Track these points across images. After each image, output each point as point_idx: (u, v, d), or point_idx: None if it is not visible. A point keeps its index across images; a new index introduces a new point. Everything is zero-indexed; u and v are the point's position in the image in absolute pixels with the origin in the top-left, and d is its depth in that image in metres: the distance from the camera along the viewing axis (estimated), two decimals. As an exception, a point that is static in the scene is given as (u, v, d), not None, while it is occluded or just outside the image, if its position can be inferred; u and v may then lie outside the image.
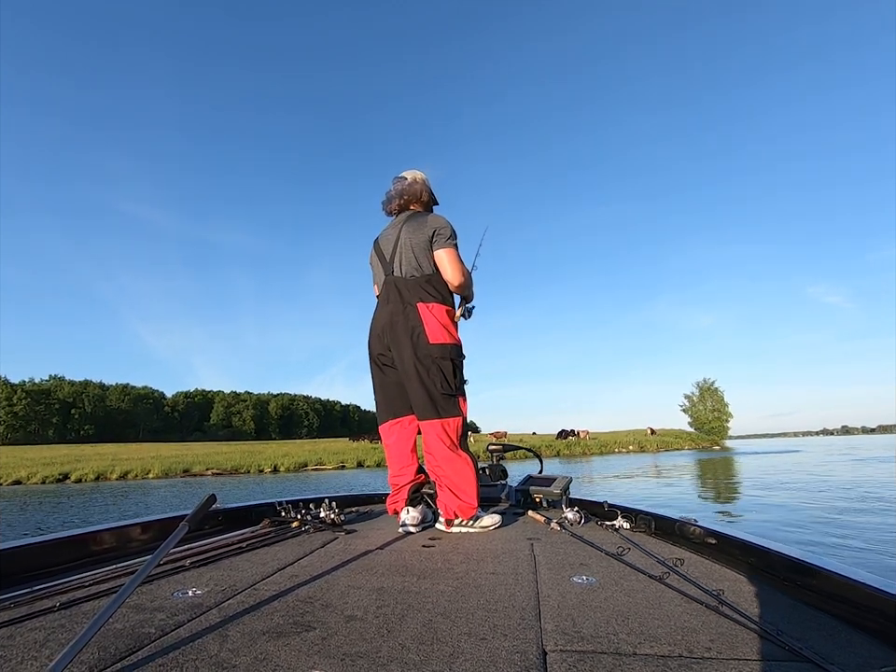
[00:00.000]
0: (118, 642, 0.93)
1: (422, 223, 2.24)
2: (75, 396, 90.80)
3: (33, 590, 1.24)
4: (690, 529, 1.75)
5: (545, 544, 1.81)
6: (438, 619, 1.05)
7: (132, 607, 1.13)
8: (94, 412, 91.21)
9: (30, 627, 1.01)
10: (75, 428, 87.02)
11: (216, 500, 1.34)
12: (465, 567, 1.50)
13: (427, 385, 2.12)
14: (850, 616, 1.05)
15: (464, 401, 2.20)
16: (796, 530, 5.18)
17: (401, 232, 2.27)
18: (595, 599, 1.18)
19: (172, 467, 23.73)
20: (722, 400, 62.69)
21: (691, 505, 7.69)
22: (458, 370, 2.19)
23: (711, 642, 0.94)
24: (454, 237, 2.24)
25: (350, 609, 1.11)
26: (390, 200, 2.43)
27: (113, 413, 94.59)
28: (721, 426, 60.87)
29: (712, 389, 63.82)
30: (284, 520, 2.19)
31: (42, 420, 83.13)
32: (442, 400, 2.12)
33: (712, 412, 62.17)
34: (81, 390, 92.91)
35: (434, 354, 2.12)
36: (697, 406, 63.80)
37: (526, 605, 1.14)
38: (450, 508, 2.09)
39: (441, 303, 2.20)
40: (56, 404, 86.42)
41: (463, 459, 2.13)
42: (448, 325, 2.20)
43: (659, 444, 40.67)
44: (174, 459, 26.23)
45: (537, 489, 2.69)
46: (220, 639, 0.94)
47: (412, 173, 2.47)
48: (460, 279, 2.23)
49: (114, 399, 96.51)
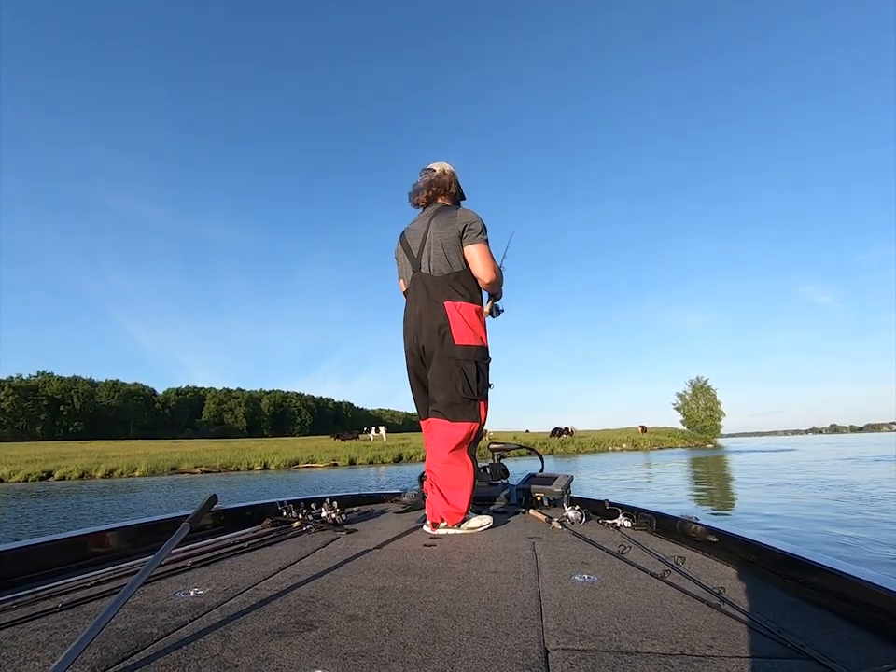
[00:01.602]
0: (120, 642, 0.93)
1: (451, 217, 2.17)
2: (63, 392, 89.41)
3: (35, 591, 1.24)
4: (691, 527, 1.75)
5: (546, 543, 1.81)
6: (440, 618, 1.05)
7: (134, 607, 1.13)
8: (83, 408, 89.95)
9: (32, 628, 1.01)
10: (63, 425, 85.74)
11: (217, 500, 1.31)
12: (466, 566, 1.50)
13: (447, 387, 2.09)
14: (852, 613, 1.04)
15: (485, 407, 2.15)
16: (811, 532, 4.96)
17: (430, 227, 2.20)
18: (597, 598, 1.18)
19: (159, 464, 23.27)
20: (715, 399, 63.14)
21: (699, 506, 7.46)
22: (482, 373, 2.14)
23: (713, 640, 0.94)
24: (484, 232, 2.16)
25: (352, 609, 1.11)
26: (417, 192, 2.35)
27: (102, 410, 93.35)
28: (713, 424, 61.32)
29: (705, 388, 64.25)
30: (285, 520, 2.19)
31: (30, 417, 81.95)
32: (462, 404, 2.08)
33: (705, 410, 62.57)
34: (70, 386, 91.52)
35: (458, 356, 2.08)
36: (690, 404, 64.16)
37: (528, 603, 1.14)
38: (437, 511, 2.06)
39: (469, 302, 2.15)
40: (44, 401, 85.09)
41: (465, 465, 2.10)
42: (475, 325, 2.15)
43: (652, 442, 40.62)
44: (162, 457, 25.75)
45: (538, 488, 2.67)
46: (222, 639, 0.95)
47: (440, 164, 2.39)
48: (492, 276, 2.17)
49: (103, 396, 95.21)
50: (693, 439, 49.38)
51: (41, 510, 10.02)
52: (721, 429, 63.14)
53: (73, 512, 9.35)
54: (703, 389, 64.16)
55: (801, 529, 5.10)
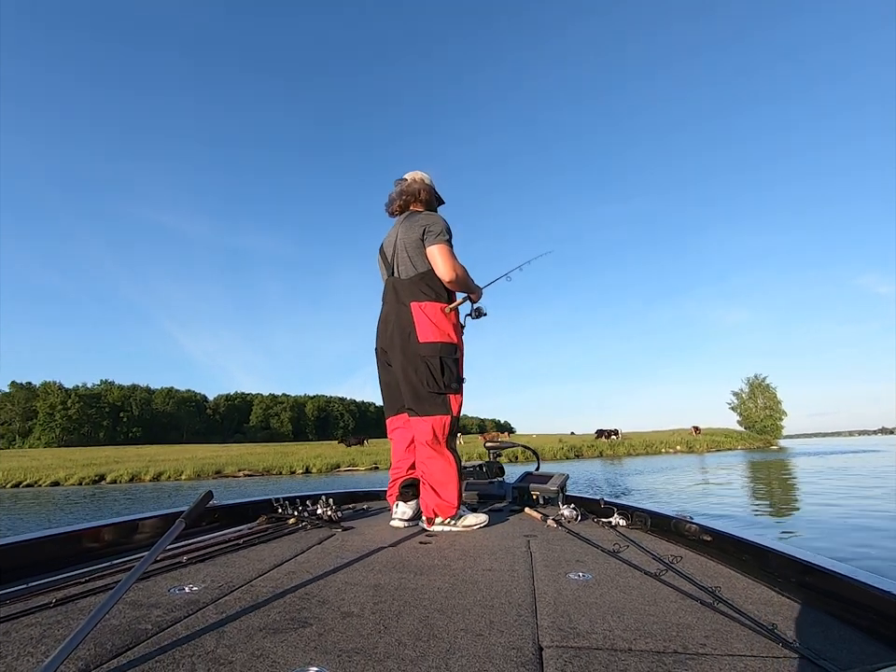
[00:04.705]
0: (114, 638, 0.93)
1: (414, 221, 2.25)
2: (123, 399, 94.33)
3: (29, 586, 1.23)
4: (685, 526, 1.76)
5: (542, 541, 1.82)
6: (434, 615, 1.05)
7: (128, 603, 1.13)
8: (141, 414, 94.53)
9: (26, 623, 1.01)
10: (123, 431, 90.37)
11: (212, 497, 1.30)
12: (461, 563, 1.51)
13: (413, 383, 2.14)
14: (843, 612, 1.06)
15: (455, 400, 2.17)
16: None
17: (398, 233, 2.29)
18: (591, 596, 1.19)
19: (204, 468, 23.61)
20: (775, 397, 59.09)
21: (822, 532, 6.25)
22: (447, 367, 2.14)
23: (706, 638, 0.95)
24: (445, 233, 2.21)
25: (347, 606, 1.11)
26: (392, 201, 2.45)
27: (158, 416, 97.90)
28: (774, 424, 57.50)
29: (763, 386, 60.32)
30: (280, 517, 2.20)
31: (93, 423, 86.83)
32: (429, 398, 2.12)
33: (764, 409, 58.67)
34: (129, 394, 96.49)
35: (422, 352, 2.13)
36: (747, 403, 60.41)
37: (523, 601, 1.15)
38: (429, 506, 2.09)
39: (434, 301, 2.19)
40: (106, 408, 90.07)
41: (446, 458, 2.12)
42: (441, 322, 2.18)
43: (709, 444, 38.14)
44: (208, 461, 26.21)
45: (534, 486, 2.68)
46: (217, 635, 0.95)
47: (412, 174, 2.49)
48: (452, 274, 2.18)
49: (159, 403, 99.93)
50: (753, 440, 46.08)
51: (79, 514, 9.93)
52: (782, 430, 59.16)
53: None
54: (761, 387, 60.22)
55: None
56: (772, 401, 58.89)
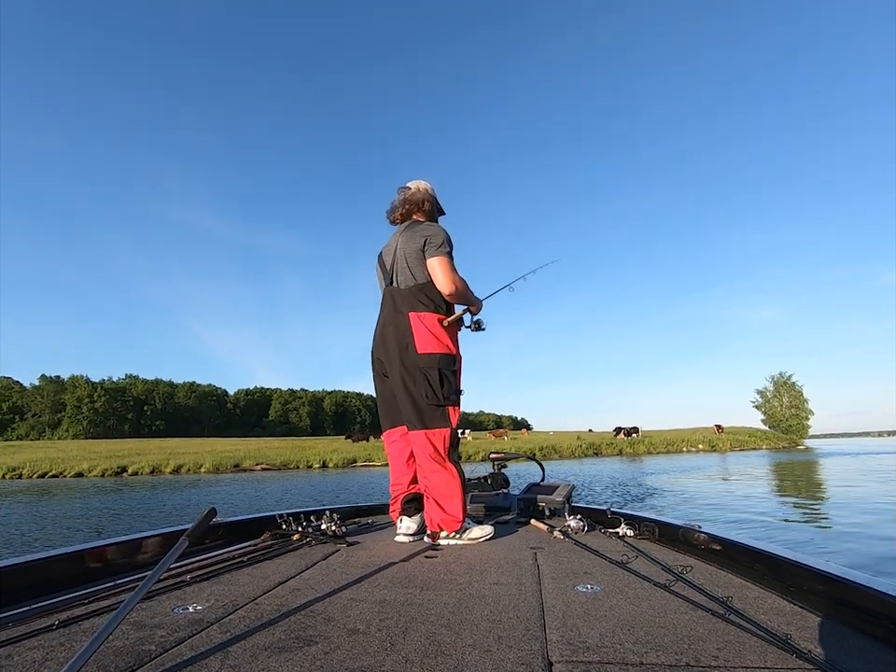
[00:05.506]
0: (118, 660, 0.92)
1: (415, 232, 2.23)
2: (147, 393, 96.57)
3: (31, 608, 1.22)
4: (694, 536, 1.74)
5: (548, 553, 1.80)
6: (441, 631, 1.04)
7: (131, 623, 1.11)
8: (164, 408, 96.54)
9: (28, 646, 0.99)
10: (147, 424, 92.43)
11: (216, 514, 1.28)
12: (468, 577, 1.49)
13: (413, 395, 2.11)
14: (859, 622, 1.03)
15: (454, 412, 2.16)
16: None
17: (398, 242, 2.27)
18: (600, 608, 1.17)
19: (223, 462, 23.92)
20: (801, 396, 57.36)
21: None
22: (446, 379, 2.13)
23: (719, 650, 0.93)
24: (446, 245, 2.19)
25: (353, 623, 1.10)
26: (393, 209, 2.42)
27: (181, 410, 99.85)
28: (800, 424, 55.87)
29: (789, 384, 58.58)
30: (285, 533, 2.18)
31: (119, 416, 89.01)
32: (429, 411, 2.10)
33: (789, 408, 57.03)
34: (153, 388, 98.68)
35: (421, 363, 2.11)
36: (772, 402, 58.76)
37: (531, 615, 1.13)
38: (434, 520, 2.07)
39: (433, 312, 2.17)
40: (131, 401, 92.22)
41: (449, 471, 2.09)
42: (440, 334, 2.16)
43: (732, 443, 37.24)
44: (227, 454, 26.55)
45: (539, 497, 2.65)
46: (222, 656, 0.93)
47: (416, 182, 2.47)
48: (451, 287, 2.17)
49: (181, 397, 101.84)
50: (778, 440, 44.81)
51: (96, 507, 10.01)
52: (809, 430, 57.42)
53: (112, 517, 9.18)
54: (787, 386, 58.52)
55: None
56: (798, 400, 57.22)
